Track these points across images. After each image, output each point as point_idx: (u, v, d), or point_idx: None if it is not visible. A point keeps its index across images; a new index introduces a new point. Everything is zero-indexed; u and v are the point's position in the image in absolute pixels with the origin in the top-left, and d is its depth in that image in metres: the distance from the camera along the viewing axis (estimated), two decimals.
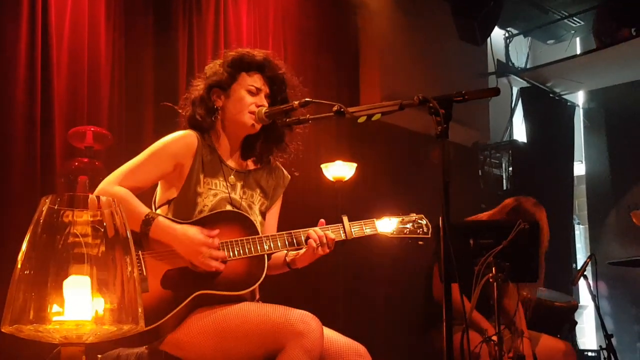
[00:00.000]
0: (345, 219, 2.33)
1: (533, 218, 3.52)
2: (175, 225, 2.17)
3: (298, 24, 5.14)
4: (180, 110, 2.44)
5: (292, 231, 2.28)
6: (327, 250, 2.28)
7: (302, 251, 2.31)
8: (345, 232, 2.31)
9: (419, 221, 2.43)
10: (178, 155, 2.26)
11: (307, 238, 2.26)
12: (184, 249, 2.14)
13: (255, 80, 2.37)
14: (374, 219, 2.38)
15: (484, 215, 3.77)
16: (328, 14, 5.37)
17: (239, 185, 2.37)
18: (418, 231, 2.41)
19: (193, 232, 2.15)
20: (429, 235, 2.41)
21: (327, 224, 2.32)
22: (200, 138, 2.32)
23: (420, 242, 2.41)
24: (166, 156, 2.25)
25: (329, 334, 2.17)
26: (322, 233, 2.27)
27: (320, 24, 5.32)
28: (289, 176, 2.54)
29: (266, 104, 2.37)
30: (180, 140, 2.28)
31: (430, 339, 3.50)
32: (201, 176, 2.28)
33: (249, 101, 2.34)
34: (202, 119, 2.33)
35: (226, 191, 2.32)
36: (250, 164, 2.45)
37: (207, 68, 2.45)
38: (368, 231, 2.36)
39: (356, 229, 2.34)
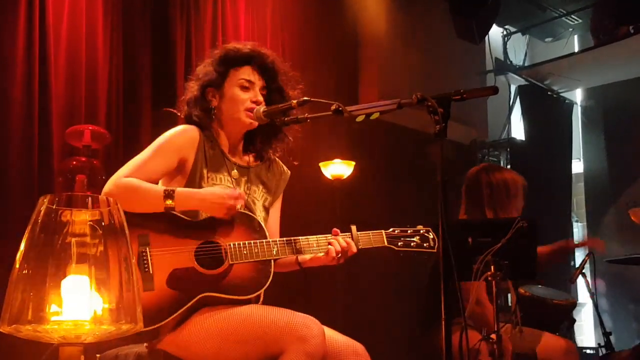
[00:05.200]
0: (354, 228, 2.32)
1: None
2: (198, 189, 2.19)
3: (296, 22, 5.14)
4: (179, 114, 2.44)
5: (299, 238, 2.27)
6: (342, 260, 2.29)
7: (318, 255, 2.30)
8: (353, 242, 2.30)
9: (426, 234, 2.40)
10: (182, 149, 2.26)
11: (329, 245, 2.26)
12: (216, 207, 2.15)
13: (244, 73, 2.35)
14: (382, 231, 2.37)
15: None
16: (326, 12, 5.36)
17: (243, 180, 2.37)
18: (424, 245, 2.38)
19: (219, 190, 2.18)
20: (435, 250, 2.37)
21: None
22: (202, 132, 2.32)
23: (426, 257, 2.40)
24: (171, 149, 2.25)
25: (328, 332, 2.16)
26: (345, 244, 2.27)
27: (319, 22, 5.31)
28: (289, 171, 2.55)
29: (261, 98, 2.35)
30: (183, 133, 2.28)
31: (431, 335, 3.49)
32: (205, 171, 2.29)
33: (244, 97, 2.33)
34: (199, 119, 2.33)
35: (230, 186, 2.32)
36: (251, 160, 2.45)
37: (198, 69, 2.44)
38: (375, 243, 2.35)
39: (364, 240, 2.33)
